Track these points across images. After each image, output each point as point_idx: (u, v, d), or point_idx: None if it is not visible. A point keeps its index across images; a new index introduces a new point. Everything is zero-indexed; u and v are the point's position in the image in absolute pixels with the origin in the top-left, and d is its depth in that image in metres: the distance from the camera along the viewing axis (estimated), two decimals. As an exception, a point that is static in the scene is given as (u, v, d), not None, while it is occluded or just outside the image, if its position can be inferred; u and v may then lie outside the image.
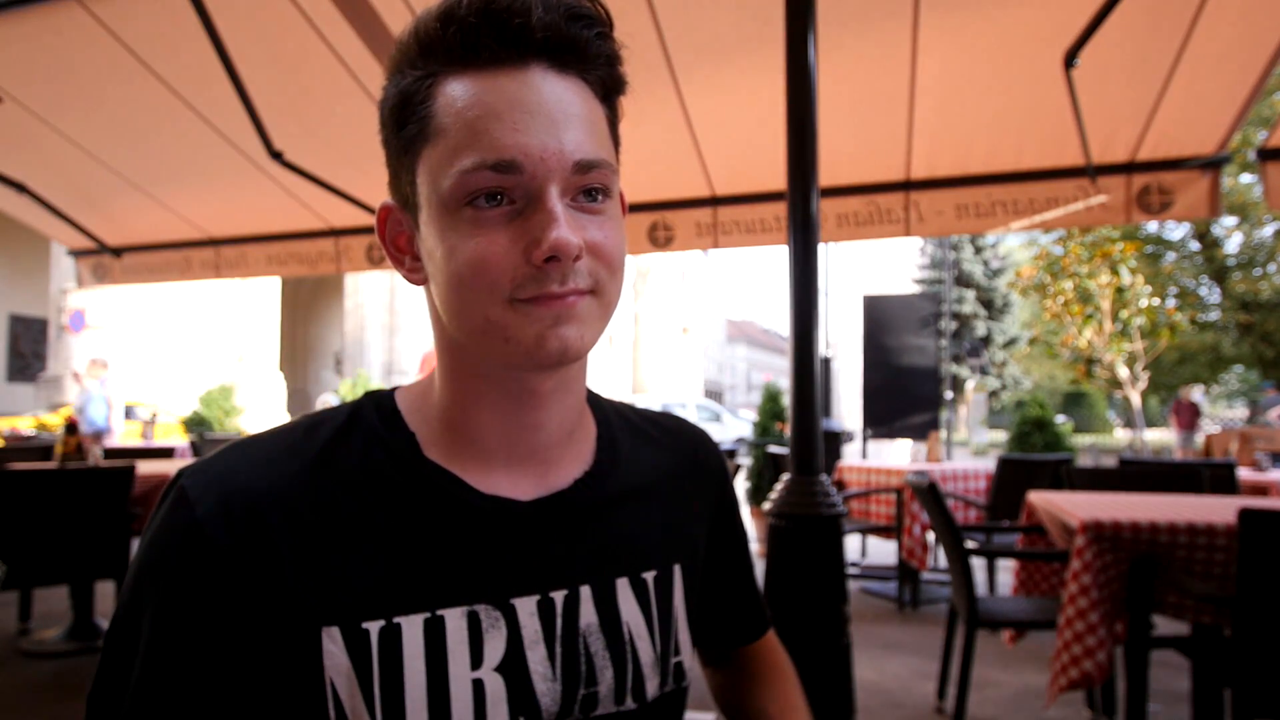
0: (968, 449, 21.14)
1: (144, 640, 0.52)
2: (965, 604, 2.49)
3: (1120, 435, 28.11)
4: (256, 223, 4.90)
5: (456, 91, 0.52)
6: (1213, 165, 3.37)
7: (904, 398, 7.66)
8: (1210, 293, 21.11)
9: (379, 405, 0.61)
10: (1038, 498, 2.66)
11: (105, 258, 5.30)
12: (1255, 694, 1.81)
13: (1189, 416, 17.06)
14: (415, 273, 0.59)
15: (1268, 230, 19.07)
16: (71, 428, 3.52)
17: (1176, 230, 21.37)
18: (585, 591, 0.61)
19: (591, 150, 0.53)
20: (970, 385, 24.15)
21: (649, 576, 0.65)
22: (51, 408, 14.45)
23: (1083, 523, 2.04)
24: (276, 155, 3.67)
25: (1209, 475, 3.16)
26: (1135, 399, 13.36)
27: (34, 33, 3.27)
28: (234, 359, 16.40)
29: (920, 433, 7.17)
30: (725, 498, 0.77)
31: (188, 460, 4.88)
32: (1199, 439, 17.23)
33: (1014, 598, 2.71)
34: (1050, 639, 2.18)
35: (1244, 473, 3.96)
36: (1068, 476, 3.31)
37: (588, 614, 0.61)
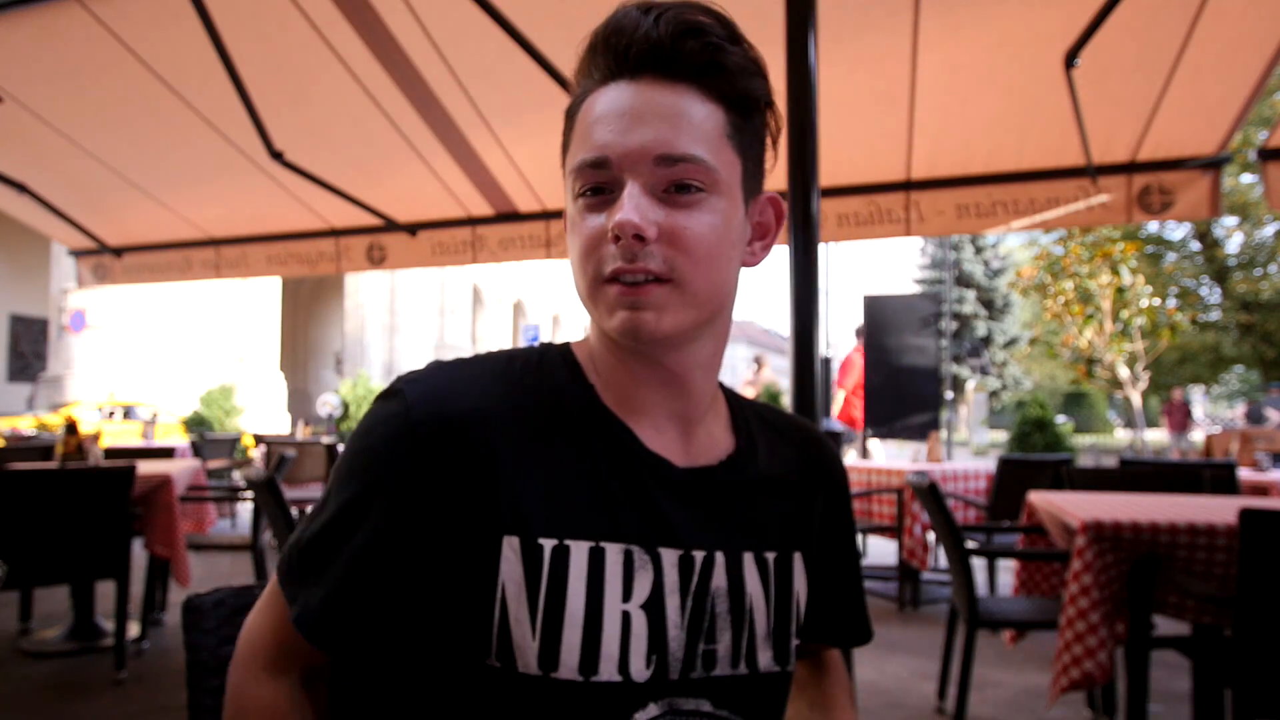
0: (968, 449, 21.14)
1: (364, 522, 0.60)
2: (966, 604, 2.49)
3: (1121, 435, 28.12)
4: (256, 223, 4.90)
5: (586, 107, 0.62)
6: (1213, 165, 3.37)
7: (904, 398, 7.66)
8: (1211, 293, 21.11)
9: (563, 356, 0.69)
10: (1038, 498, 2.66)
11: (105, 258, 5.30)
12: (1256, 694, 1.81)
13: (1180, 417, 17.10)
14: None
15: (1268, 230, 19.07)
16: (72, 428, 3.52)
17: (1177, 230, 21.39)
18: (719, 557, 0.66)
19: (677, 146, 0.59)
20: (971, 385, 24.14)
21: (770, 557, 0.70)
22: (51, 407, 14.45)
23: (1083, 523, 2.04)
24: (276, 155, 3.67)
25: (1209, 475, 3.16)
26: (1136, 399, 13.35)
27: (34, 33, 3.27)
28: (234, 359, 16.40)
29: (920, 433, 7.17)
30: (841, 501, 0.81)
31: (188, 460, 4.84)
32: (1193, 439, 17.26)
33: (1014, 598, 2.71)
34: (1051, 639, 2.17)
35: (1244, 473, 3.95)
36: (1068, 477, 3.30)
37: (718, 578, 0.66)
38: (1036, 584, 2.74)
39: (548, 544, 0.60)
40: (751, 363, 9.08)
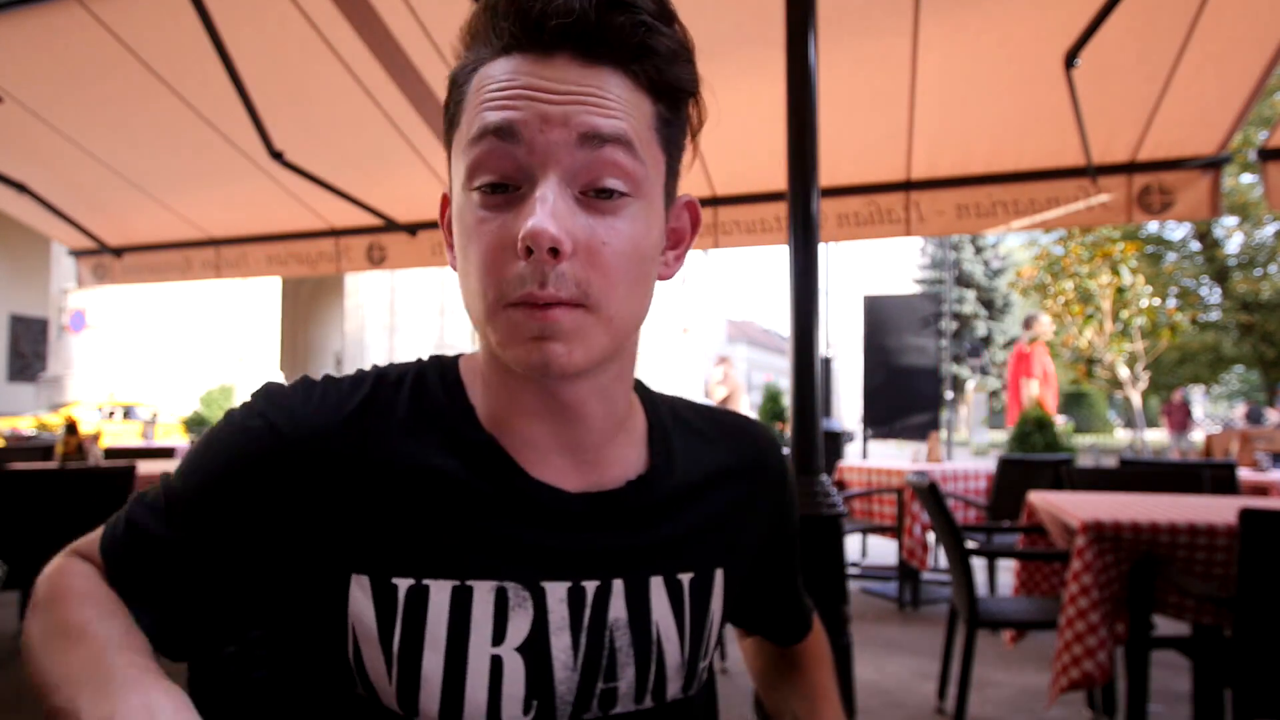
0: (968, 449, 21.13)
1: (193, 528, 0.56)
2: (966, 604, 2.49)
3: (1121, 435, 28.09)
4: (256, 223, 4.90)
5: (484, 76, 0.52)
6: (1213, 165, 3.37)
7: (904, 398, 7.66)
8: (1211, 293, 21.10)
9: (443, 372, 0.62)
10: (1038, 498, 2.66)
11: (105, 258, 5.30)
12: (1256, 694, 1.81)
13: (1180, 417, 17.16)
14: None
15: (1268, 230, 19.07)
16: (72, 428, 3.52)
17: (1177, 230, 21.37)
18: (617, 585, 0.60)
19: (607, 124, 0.50)
20: (971, 385, 24.13)
21: (685, 579, 0.63)
22: (51, 407, 14.45)
23: (1083, 523, 2.04)
24: (276, 155, 3.67)
25: (1209, 475, 3.16)
26: (1136, 399, 13.34)
27: (34, 33, 3.27)
28: (234, 359, 16.40)
29: (920, 433, 7.17)
30: (785, 502, 0.74)
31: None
32: (1193, 439, 17.30)
33: (1014, 598, 2.71)
34: (1050, 639, 2.17)
35: (1244, 473, 3.95)
36: (1068, 477, 3.30)
37: (617, 608, 0.60)
38: (1036, 584, 2.75)
39: (403, 584, 0.54)
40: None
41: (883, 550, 5.92)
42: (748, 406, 9.27)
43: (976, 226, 3.74)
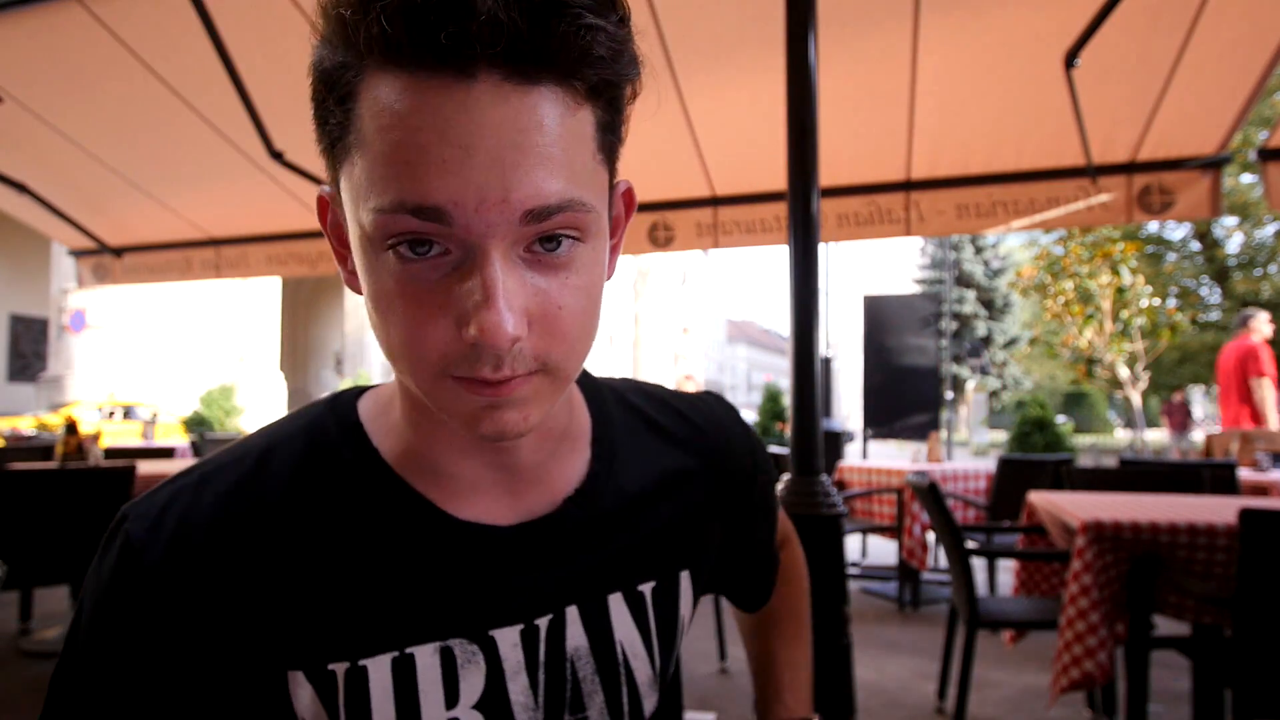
0: (968, 449, 21.14)
1: (100, 697, 0.48)
2: (965, 604, 2.49)
3: (1121, 435, 28.10)
4: (256, 223, 4.90)
5: (382, 98, 0.40)
6: (1213, 165, 3.37)
7: (904, 398, 7.67)
8: (1211, 293, 21.11)
9: (339, 418, 0.55)
10: (1038, 498, 2.66)
11: (106, 258, 5.30)
12: (1256, 694, 1.81)
13: (1180, 418, 17.20)
14: (357, 278, 0.48)
15: (1268, 230, 19.07)
16: (72, 428, 3.52)
17: (1177, 230, 21.37)
18: (572, 613, 0.56)
19: (553, 192, 0.41)
20: (970, 385, 24.15)
21: (646, 589, 0.59)
22: (51, 408, 14.46)
23: (1083, 523, 2.04)
24: (277, 155, 3.67)
25: (1209, 475, 3.16)
26: (1136, 399, 13.34)
27: (34, 33, 3.27)
28: (234, 359, 16.40)
29: (920, 433, 7.18)
30: (754, 489, 0.69)
31: (188, 460, 4.86)
32: (1193, 439, 17.34)
33: (1014, 598, 2.71)
34: (1051, 639, 2.17)
35: (1244, 473, 3.95)
36: (1068, 476, 3.30)
37: (575, 636, 0.56)
38: (1036, 584, 2.75)
39: (339, 669, 0.50)
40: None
41: (883, 550, 5.92)
42: None
43: (976, 226, 3.74)
